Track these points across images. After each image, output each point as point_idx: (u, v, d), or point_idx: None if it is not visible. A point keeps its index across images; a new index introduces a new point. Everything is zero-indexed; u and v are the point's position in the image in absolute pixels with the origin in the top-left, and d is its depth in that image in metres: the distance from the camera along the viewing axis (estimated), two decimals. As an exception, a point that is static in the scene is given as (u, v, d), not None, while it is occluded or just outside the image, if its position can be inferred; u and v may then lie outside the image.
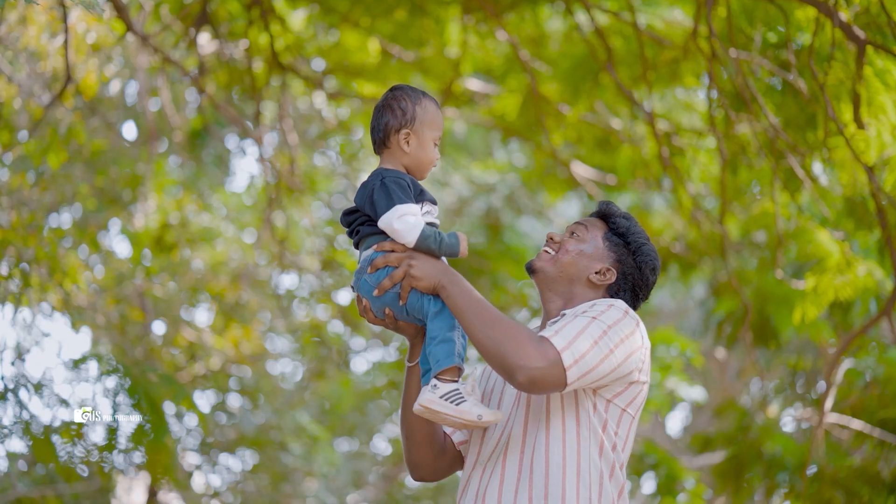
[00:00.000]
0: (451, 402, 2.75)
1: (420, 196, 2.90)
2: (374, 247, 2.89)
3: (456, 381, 2.78)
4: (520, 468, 2.80)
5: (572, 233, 3.09)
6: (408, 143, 2.94)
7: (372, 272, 2.88)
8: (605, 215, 3.12)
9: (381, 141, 2.97)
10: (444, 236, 2.86)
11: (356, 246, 2.97)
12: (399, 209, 2.83)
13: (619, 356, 2.79)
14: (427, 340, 2.83)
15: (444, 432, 3.10)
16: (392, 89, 3.00)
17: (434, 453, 3.06)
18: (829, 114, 4.85)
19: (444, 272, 2.85)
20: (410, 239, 2.83)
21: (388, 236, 2.89)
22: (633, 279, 3.05)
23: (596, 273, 3.02)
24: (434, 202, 2.96)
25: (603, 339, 2.77)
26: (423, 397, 2.76)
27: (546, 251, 3.07)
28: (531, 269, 3.07)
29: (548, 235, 3.11)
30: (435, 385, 2.77)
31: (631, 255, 3.05)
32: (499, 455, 2.85)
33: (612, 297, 3.04)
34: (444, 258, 2.93)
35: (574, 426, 2.81)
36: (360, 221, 2.93)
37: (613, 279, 3.03)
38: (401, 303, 2.86)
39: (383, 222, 2.84)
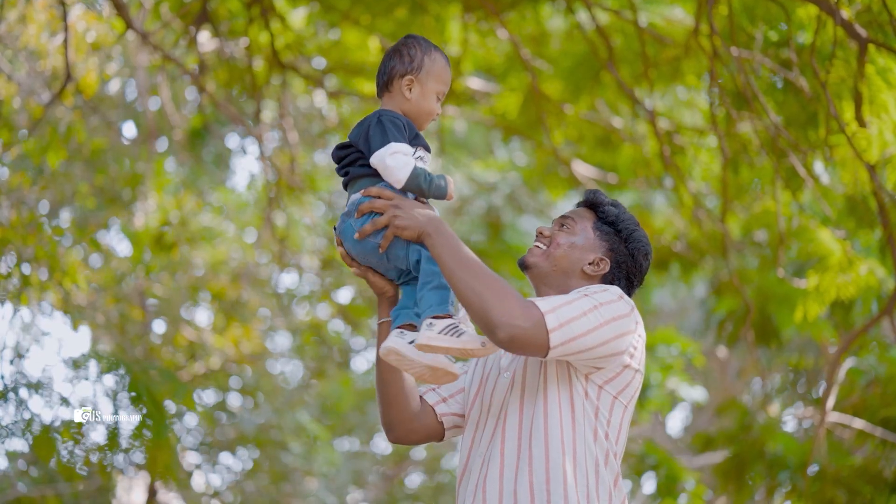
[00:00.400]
0: (453, 335, 2.70)
1: (415, 140, 2.87)
2: (362, 191, 2.86)
3: (451, 317, 2.74)
4: (518, 454, 2.78)
5: (561, 225, 3.06)
6: (410, 89, 2.91)
7: (358, 217, 2.84)
8: (592, 204, 3.09)
9: (384, 84, 2.95)
10: (433, 177, 2.83)
11: (345, 186, 2.94)
12: (392, 146, 2.80)
13: (607, 332, 2.75)
14: (420, 285, 2.78)
15: (420, 396, 3.07)
16: (406, 37, 2.98)
17: (408, 415, 3.03)
18: (830, 112, 4.83)
19: (430, 220, 2.79)
20: (401, 176, 2.79)
21: (379, 180, 2.86)
22: (626, 267, 3.03)
23: (590, 264, 3.00)
24: (428, 149, 2.93)
25: (593, 312, 2.75)
26: (420, 335, 2.71)
27: (537, 246, 3.04)
28: (524, 266, 3.04)
29: (537, 230, 3.08)
30: (430, 324, 2.71)
31: (623, 242, 3.03)
32: (496, 441, 2.83)
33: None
34: (430, 202, 2.91)
35: (569, 411, 2.79)
36: (352, 159, 2.90)
37: (607, 269, 3.01)
38: (380, 250, 2.82)
39: (376, 157, 2.81)
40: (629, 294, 3.05)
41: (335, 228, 2.93)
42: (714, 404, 11.82)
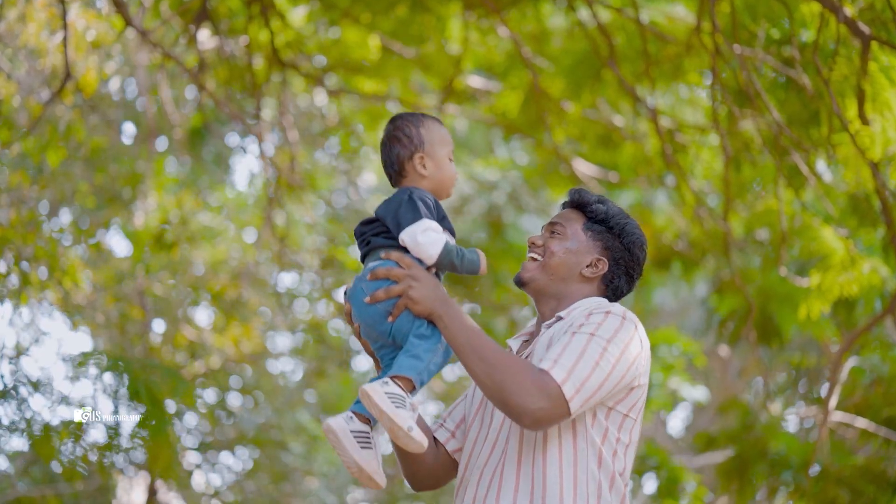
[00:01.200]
0: (392, 403, 2.66)
1: (442, 222, 2.85)
2: (382, 254, 2.82)
3: (407, 392, 2.71)
4: (517, 481, 2.74)
5: (552, 232, 3.01)
6: (424, 166, 2.89)
7: (371, 279, 2.80)
8: (579, 205, 3.04)
9: (396, 173, 2.93)
10: (465, 252, 2.81)
11: (363, 258, 2.90)
12: (425, 222, 2.77)
13: (620, 370, 2.72)
14: (402, 351, 2.76)
15: (436, 439, 3.04)
16: (391, 121, 2.96)
17: (426, 463, 3.01)
18: (834, 109, 4.81)
19: (443, 301, 2.76)
20: (433, 252, 2.77)
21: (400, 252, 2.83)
22: (624, 262, 2.99)
23: (587, 266, 2.96)
24: (453, 232, 2.90)
25: (603, 357, 2.70)
26: (370, 385, 2.67)
27: (533, 258, 2.99)
28: (521, 283, 2.99)
29: (528, 241, 3.03)
30: (386, 382, 2.69)
31: (616, 238, 2.99)
32: (495, 466, 2.80)
33: (606, 285, 2.99)
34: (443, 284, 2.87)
35: (570, 438, 2.75)
36: (374, 232, 2.87)
37: (606, 268, 2.97)
38: (389, 319, 2.78)
39: (407, 234, 2.78)
40: (630, 288, 3.02)
41: (345, 291, 2.89)
42: (715, 404, 11.80)
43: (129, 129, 9.61)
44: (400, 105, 8.93)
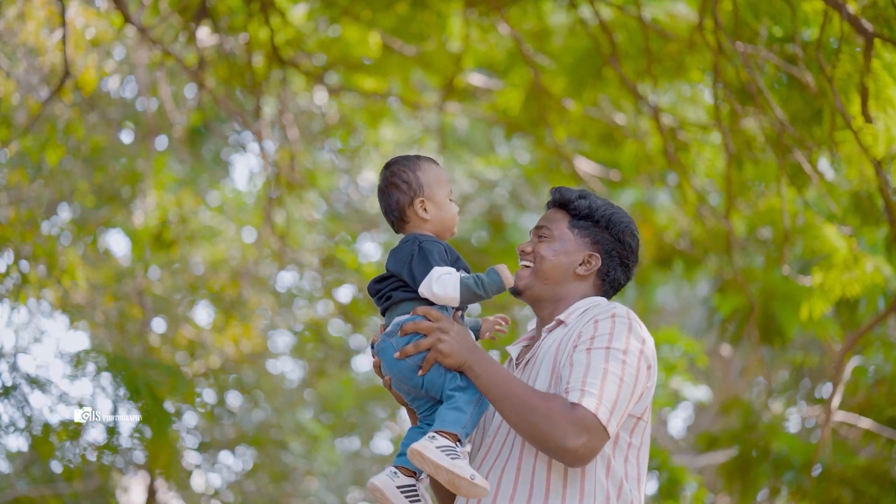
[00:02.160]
0: (447, 455, 2.65)
1: (456, 264, 2.83)
2: (412, 311, 2.80)
3: (456, 442, 2.70)
4: (514, 488, 2.71)
5: (540, 236, 2.97)
6: (425, 209, 2.88)
7: (401, 335, 2.78)
8: (561, 203, 3.01)
9: (398, 220, 2.91)
10: (483, 277, 2.78)
11: (384, 312, 2.88)
12: (436, 270, 2.76)
13: (641, 378, 2.72)
14: (444, 405, 2.75)
15: None
16: (386, 166, 2.94)
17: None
18: (837, 107, 4.78)
19: (472, 351, 2.74)
20: (454, 296, 2.75)
21: (422, 303, 2.81)
22: (618, 253, 2.96)
23: (580, 265, 2.93)
24: (468, 270, 2.88)
25: (625, 371, 2.69)
26: (420, 444, 2.66)
27: (525, 266, 2.96)
28: (517, 293, 2.96)
29: (518, 249, 3.00)
30: (433, 436, 2.68)
31: (604, 230, 2.96)
32: (489, 470, 2.77)
33: (603, 279, 2.96)
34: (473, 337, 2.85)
35: None
36: (393, 286, 2.84)
37: (599, 263, 2.94)
38: (420, 373, 2.76)
39: (424, 287, 2.76)
40: (628, 277, 2.99)
41: (372, 346, 2.88)
42: (717, 403, 11.76)
43: (127, 132, 9.58)
44: (400, 103, 8.91)
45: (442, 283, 2.75)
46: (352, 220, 11.70)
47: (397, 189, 2.89)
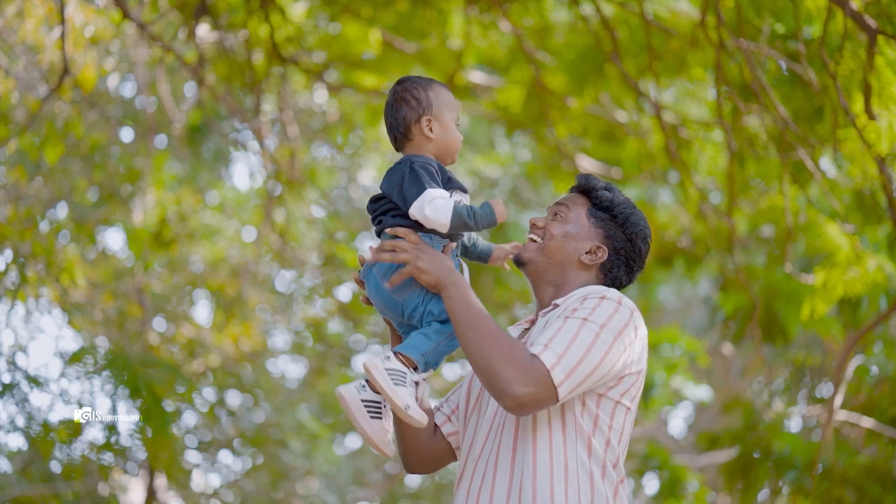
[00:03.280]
0: (391, 378, 2.68)
1: (448, 184, 2.83)
2: (388, 230, 2.82)
3: (409, 369, 2.72)
4: (511, 473, 2.71)
5: (555, 214, 2.96)
6: (431, 129, 2.88)
7: (374, 257, 2.80)
8: (585, 190, 2.99)
9: (402, 135, 2.91)
10: (476, 209, 2.79)
11: (378, 234, 2.90)
12: (429, 193, 2.75)
13: (612, 358, 2.68)
14: (417, 330, 2.78)
15: (435, 423, 3.01)
16: (398, 82, 2.94)
17: (422, 443, 2.97)
18: (840, 104, 4.76)
19: (451, 272, 2.76)
20: (444, 220, 2.75)
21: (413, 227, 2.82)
22: (625, 253, 2.93)
23: (586, 253, 2.91)
24: (464, 189, 2.89)
25: (596, 343, 2.66)
26: (372, 358, 2.71)
27: (532, 239, 2.95)
28: (519, 262, 2.95)
29: (531, 221, 2.99)
30: (388, 357, 2.71)
31: (619, 227, 2.93)
32: (490, 457, 2.76)
33: (605, 274, 2.94)
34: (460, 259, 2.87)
35: (560, 427, 2.71)
36: (384, 209, 2.86)
37: (605, 257, 2.92)
38: (388, 283, 2.78)
39: (415, 209, 2.76)
40: (630, 279, 2.97)
41: (359, 272, 2.90)
42: (717, 403, 11.74)
43: (127, 128, 9.56)
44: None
45: (434, 207, 2.74)
46: (352, 219, 11.68)
47: (406, 104, 2.89)
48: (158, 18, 7.08)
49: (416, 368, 2.73)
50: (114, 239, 16.71)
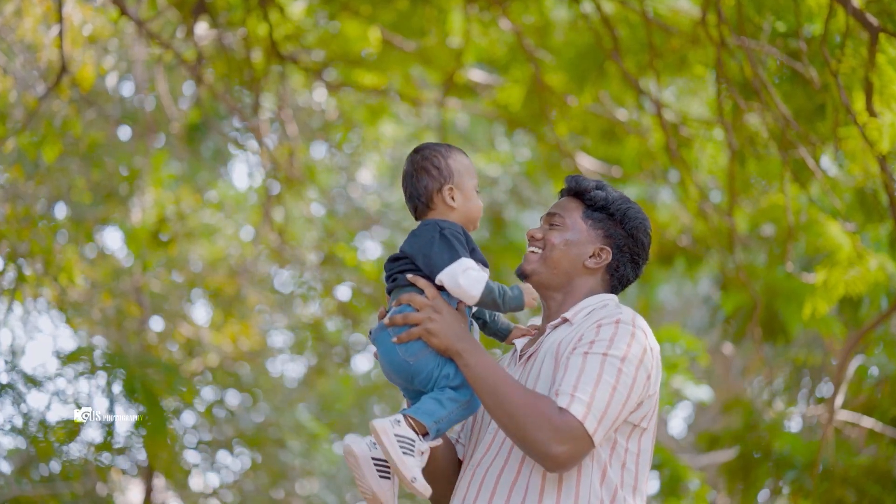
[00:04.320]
0: (400, 447, 2.59)
1: (472, 254, 2.76)
2: (409, 277, 2.74)
3: (418, 436, 2.64)
4: (511, 490, 2.65)
5: (551, 223, 2.91)
6: (453, 198, 2.82)
7: (389, 326, 2.72)
8: (576, 192, 2.94)
9: (424, 205, 2.84)
10: (507, 290, 2.72)
11: (389, 292, 2.82)
12: (464, 262, 2.68)
13: (637, 389, 2.65)
14: (429, 393, 2.69)
15: (459, 460, 2.93)
16: (416, 151, 2.87)
17: (448, 478, 2.88)
18: (842, 102, 4.74)
19: (462, 337, 2.68)
20: (475, 293, 2.67)
21: (422, 292, 2.74)
22: (629, 249, 2.90)
23: (590, 257, 2.87)
24: (486, 263, 2.80)
25: (620, 380, 2.62)
26: (382, 422, 2.61)
27: (532, 251, 2.89)
28: (523, 276, 2.89)
29: (528, 234, 2.94)
30: (398, 421, 2.63)
31: (618, 225, 2.89)
32: (487, 468, 2.71)
33: (611, 275, 2.90)
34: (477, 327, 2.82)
35: None
36: (403, 270, 2.77)
37: (610, 257, 2.88)
38: (395, 340, 2.69)
39: (446, 275, 2.68)
40: (637, 274, 2.93)
41: (370, 333, 2.81)
42: (717, 402, 11.72)
43: (125, 128, 9.55)
44: (400, 99, 8.86)
45: (468, 277, 2.67)
46: (351, 218, 11.66)
47: (427, 174, 2.83)
48: (157, 17, 7.06)
49: (426, 434, 2.65)
50: (112, 238, 16.69)
